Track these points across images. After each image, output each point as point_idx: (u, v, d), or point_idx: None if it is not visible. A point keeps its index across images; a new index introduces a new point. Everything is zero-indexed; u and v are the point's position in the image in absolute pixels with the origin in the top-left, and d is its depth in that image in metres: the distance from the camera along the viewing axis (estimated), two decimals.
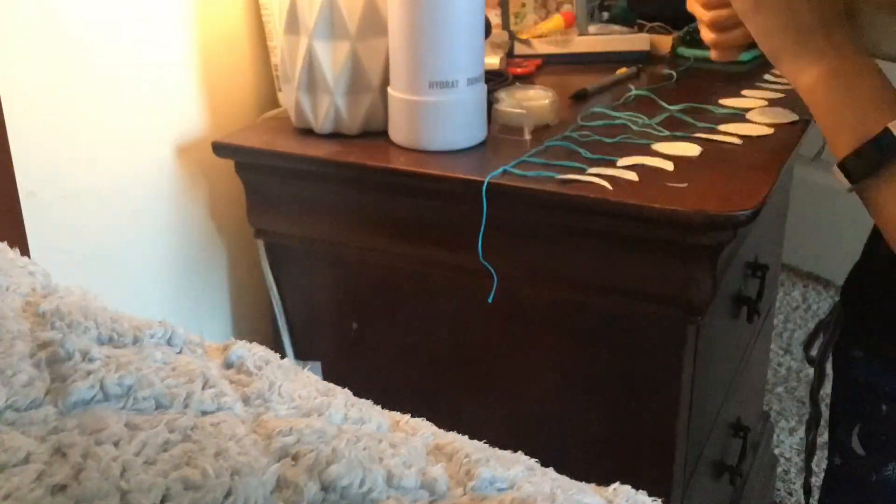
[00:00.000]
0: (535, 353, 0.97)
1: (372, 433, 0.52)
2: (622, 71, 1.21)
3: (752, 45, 1.28)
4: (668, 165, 0.91)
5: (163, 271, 1.08)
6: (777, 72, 1.16)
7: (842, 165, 0.73)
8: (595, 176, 0.88)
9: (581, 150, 0.95)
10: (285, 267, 1.08)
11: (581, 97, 1.12)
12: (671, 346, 0.90)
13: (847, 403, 0.91)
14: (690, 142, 0.96)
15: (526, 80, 1.20)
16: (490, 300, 0.93)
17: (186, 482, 0.43)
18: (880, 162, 0.70)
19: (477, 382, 1.02)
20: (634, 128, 1.01)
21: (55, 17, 0.89)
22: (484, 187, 0.88)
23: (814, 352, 0.99)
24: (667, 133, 0.99)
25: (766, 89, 1.14)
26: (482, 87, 0.97)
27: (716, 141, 0.97)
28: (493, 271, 0.92)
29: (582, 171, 0.89)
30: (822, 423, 1.00)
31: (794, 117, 1.03)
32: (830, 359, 0.95)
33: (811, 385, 1.02)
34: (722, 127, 1.00)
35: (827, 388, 0.97)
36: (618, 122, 1.03)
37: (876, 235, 0.86)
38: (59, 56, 0.90)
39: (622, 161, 0.92)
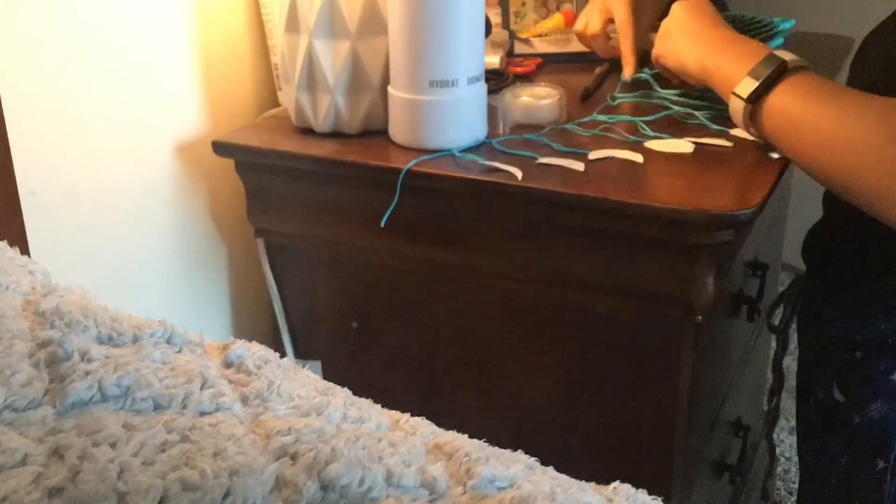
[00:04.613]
0: (534, 352, 0.97)
1: (371, 432, 0.52)
2: (599, 70, 1.21)
3: None
4: (638, 158, 0.92)
5: (163, 270, 1.08)
6: None
7: (737, 91, 0.85)
8: (528, 165, 0.92)
9: (553, 144, 0.96)
10: (285, 266, 1.08)
11: (587, 97, 1.12)
12: (671, 346, 0.89)
13: (821, 362, 0.99)
14: (686, 139, 0.96)
15: (526, 79, 1.19)
16: (383, 224, 0.95)
17: (185, 483, 0.43)
18: (774, 76, 0.82)
19: (476, 382, 1.02)
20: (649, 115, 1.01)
21: (55, 17, 0.89)
22: (401, 176, 0.92)
23: (776, 322, 1.07)
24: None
25: None
26: (482, 86, 0.97)
27: (716, 141, 0.97)
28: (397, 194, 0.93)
29: (531, 161, 0.92)
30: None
31: None
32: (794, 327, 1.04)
33: (774, 354, 1.10)
34: (727, 128, 1.00)
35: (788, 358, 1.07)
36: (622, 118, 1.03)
37: (831, 197, 0.95)
38: (59, 55, 0.90)
39: (593, 154, 0.93)
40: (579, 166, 0.90)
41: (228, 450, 0.46)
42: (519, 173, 0.89)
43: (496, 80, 1.12)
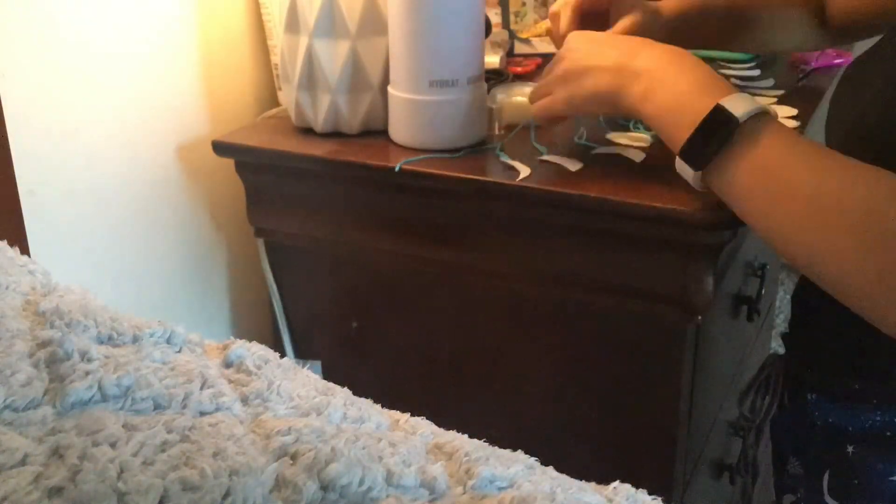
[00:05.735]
0: (534, 352, 0.97)
1: (371, 432, 0.52)
2: None
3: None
4: (639, 155, 0.93)
5: (163, 270, 1.08)
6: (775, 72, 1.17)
7: (683, 156, 0.72)
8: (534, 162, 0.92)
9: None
10: (285, 266, 1.08)
11: None
12: (671, 346, 0.89)
13: (806, 458, 0.84)
14: None
15: (526, 78, 1.19)
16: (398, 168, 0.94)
17: (185, 483, 0.43)
18: (722, 139, 0.69)
19: (476, 381, 1.02)
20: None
21: (55, 17, 0.89)
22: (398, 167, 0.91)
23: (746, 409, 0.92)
24: None
25: (767, 90, 1.14)
26: (482, 86, 0.97)
27: None
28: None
29: (531, 160, 0.92)
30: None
31: (793, 119, 1.03)
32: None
33: (745, 445, 0.93)
34: None
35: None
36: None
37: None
38: (60, 55, 0.90)
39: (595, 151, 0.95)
40: (579, 165, 0.90)
41: (228, 450, 0.46)
42: (519, 173, 0.89)
43: (496, 80, 1.12)
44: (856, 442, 0.78)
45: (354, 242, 1.00)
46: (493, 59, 1.18)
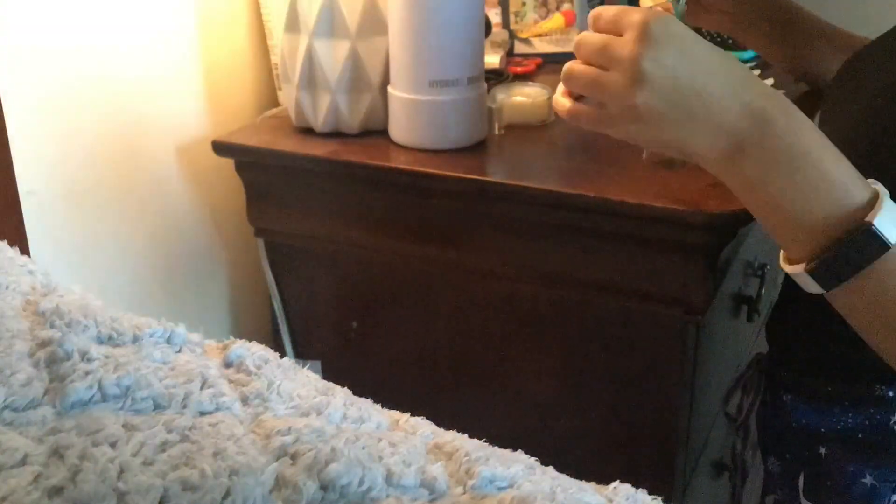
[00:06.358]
0: (534, 352, 0.97)
1: (371, 432, 0.52)
2: None
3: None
4: None
5: (163, 270, 1.08)
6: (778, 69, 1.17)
7: (812, 273, 0.58)
8: None
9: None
10: (285, 266, 1.08)
11: None
12: (671, 346, 0.89)
13: (784, 459, 0.83)
14: None
15: (525, 78, 1.19)
16: None
17: (185, 483, 0.43)
18: (860, 263, 0.56)
19: (477, 381, 1.02)
20: None
21: (55, 17, 0.89)
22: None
23: (731, 409, 0.92)
24: None
25: None
26: (482, 86, 0.97)
27: None
28: None
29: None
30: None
31: None
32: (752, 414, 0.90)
33: (732, 447, 0.93)
34: None
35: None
36: None
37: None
38: (59, 55, 0.90)
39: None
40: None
41: (228, 449, 0.46)
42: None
43: (496, 80, 1.12)
44: (828, 443, 0.77)
45: (354, 242, 1.00)
46: (493, 59, 1.18)
